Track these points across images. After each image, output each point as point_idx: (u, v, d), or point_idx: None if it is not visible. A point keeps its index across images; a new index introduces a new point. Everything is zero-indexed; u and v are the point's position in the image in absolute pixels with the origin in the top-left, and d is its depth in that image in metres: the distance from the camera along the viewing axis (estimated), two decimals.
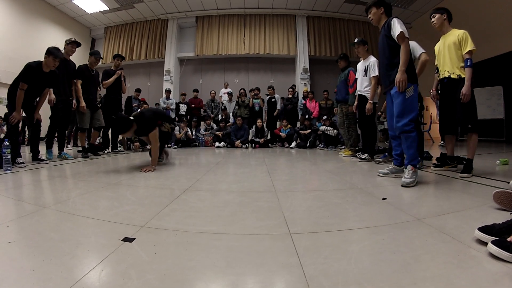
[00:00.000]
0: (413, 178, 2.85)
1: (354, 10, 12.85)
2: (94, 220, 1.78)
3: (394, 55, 3.05)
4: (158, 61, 13.61)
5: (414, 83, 3.00)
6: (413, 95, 3.00)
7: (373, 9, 3.29)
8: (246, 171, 4.10)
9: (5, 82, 10.36)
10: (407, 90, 2.97)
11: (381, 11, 3.24)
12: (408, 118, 2.98)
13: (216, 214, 1.96)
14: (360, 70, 5.21)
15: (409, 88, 2.98)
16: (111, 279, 1.08)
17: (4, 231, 1.54)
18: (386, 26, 3.11)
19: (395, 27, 2.98)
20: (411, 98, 2.99)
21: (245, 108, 9.71)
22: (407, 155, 3.02)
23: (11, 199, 2.37)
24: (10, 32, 10.45)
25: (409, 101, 2.99)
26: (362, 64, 5.17)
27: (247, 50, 13.19)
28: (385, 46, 3.15)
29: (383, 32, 3.16)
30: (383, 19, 3.25)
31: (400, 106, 3.02)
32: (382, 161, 4.60)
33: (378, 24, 3.32)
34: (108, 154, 6.32)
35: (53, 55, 4.26)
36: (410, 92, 2.98)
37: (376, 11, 3.26)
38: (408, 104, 2.99)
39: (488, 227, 1.40)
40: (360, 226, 1.70)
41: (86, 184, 3.00)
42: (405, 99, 2.98)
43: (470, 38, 3.34)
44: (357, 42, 5.14)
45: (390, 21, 3.08)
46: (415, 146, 3.01)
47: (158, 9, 13.07)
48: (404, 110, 3.00)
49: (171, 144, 8.87)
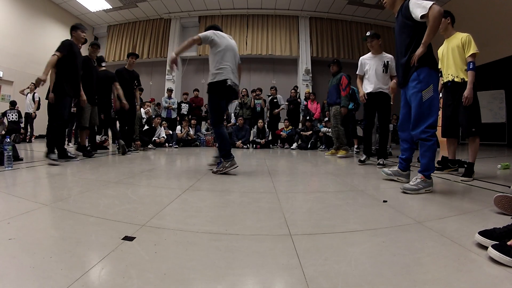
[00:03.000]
0: (417, 187, 2.62)
1: (357, 11, 12.87)
2: (94, 219, 1.78)
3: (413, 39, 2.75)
4: (161, 60, 13.64)
5: (433, 69, 2.71)
6: (432, 96, 2.66)
7: None
8: (247, 171, 4.10)
9: (7, 79, 10.41)
10: (423, 92, 2.67)
11: None
12: (425, 124, 2.67)
13: (216, 214, 1.96)
14: (376, 66, 4.67)
15: (427, 88, 2.66)
16: (111, 278, 1.08)
17: (5, 228, 1.54)
18: (404, 9, 2.80)
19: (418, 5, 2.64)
20: (430, 100, 2.66)
21: (247, 109, 9.71)
22: (420, 162, 2.76)
23: (11, 196, 2.37)
24: (13, 29, 10.51)
25: (427, 104, 2.67)
26: (377, 60, 4.68)
27: (250, 51, 13.21)
28: (404, 31, 2.84)
29: (401, 18, 2.85)
30: (398, 2, 2.92)
31: (416, 110, 2.72)
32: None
33: (393, 8, 2.99)
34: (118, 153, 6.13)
35: (80, 28, 4.68)
36: (428, 93, 2.66)
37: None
38: (425, 108, 2.67)
39: (489, 231, 1.39)
40: (361, 228, 1.70)
41: (87, 182, 3.01)
42: (422, 102, 2.67)
43: (473, 41, 3.35)
44: (370, 35, 4.74)
45: (407, 3, 2.75)
46: (429, 156, 2.69)
47: (161, 8, 13.10)
48: (421, 116, 2.70)
49: (172, 143, 8.89)
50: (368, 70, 4.76)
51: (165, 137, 8.81)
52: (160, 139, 8.62)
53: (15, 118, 9.31)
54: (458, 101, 3.42)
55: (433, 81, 2.70)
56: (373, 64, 4.70)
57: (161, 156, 6.32)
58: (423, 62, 2.67)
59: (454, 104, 3.53)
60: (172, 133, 9.21)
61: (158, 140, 8.56)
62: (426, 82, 2.67)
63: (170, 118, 10.05)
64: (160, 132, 8.72)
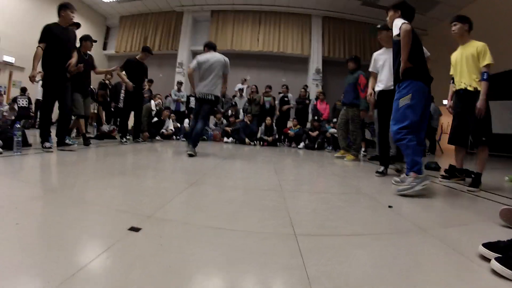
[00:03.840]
0: (410, 185, 2.73)
1: (370, 13, 12.76)
2: (101, 208, 1.80)
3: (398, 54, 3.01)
4: (171, 53, 13.70)
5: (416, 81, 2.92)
6: (408, 104, 2.89)
7: (390, 12, 3.26)
8: (253, 168, 4.11)
9: (19, 65, 10.51)
10: (400, 100, 2.94)
11: (398, 14, 3.12)
12: (398, 126, 2.93)
13: (221, 210, 1.97)
14: (385, 61, 4.33)
15: (405, 97, 2.91)
16: (117, 267, 1.09)
17: (13, 213, 1.57)
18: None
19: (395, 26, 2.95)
20: (405, 107, 2.91)
21: (256, 105, 9.72)
22: (406, 162, 2.95)
23: (20, 181, 2.41)
24: (26, 17, 10.62)
25: (401, 110, 2.93)
26: (387, 54, 4.25)
27: (261, 47, 13.21)
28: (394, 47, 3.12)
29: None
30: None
31: (393, 114, 3.04)
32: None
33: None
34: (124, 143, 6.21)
35: (69, 8, 4.59)
36: (405, 101, 2.91)
37: (393, 14, 3.19)
38: (400, 113, 2.95)
39: (493, 243, 1.39)
40: (364, 231, 1.70)
41: (93, 172, 3.04)
42: (398, 108, 2.96)
43: (489, 51, 3.30)
44: (380, 27, 4.39)
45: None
46: (410, 152, 2.86)
47: (174, 1, 13.16)
48: (396, 119, 2.97)
49: (180, 136, 8.93)
50: (381, 66, 4.42)
51: (173, 130, 8.87)
52: (168, 131, 8.67)
53: (25, 104, 9.43)
54: (469, 109, 3.38)
55: (413, 91, 2.91)
56: (387, 59, 4.29)
57: (168, 148, 6.36)
58: (406, 76, 2.95)
59: (464, 112, 3.49)
60: (180, 126, 9.26)
61: (166, 132, 8.61)
62: (406, 92, 2.94)
63: (179, 111, 10.10)
64: (168, 125, 8.77)
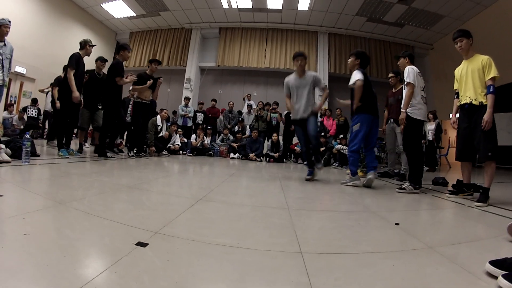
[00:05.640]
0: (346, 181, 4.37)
1: (376, 29, 12.91)
2: (109, 222, 1.81)
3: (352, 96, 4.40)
4: (179, 69, 13.89)
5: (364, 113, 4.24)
6: (358, 130, 4.23)
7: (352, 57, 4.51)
8: (260, 185, 4.11)
9: (30, 76, 10.77)
10: (353, 127, 4.30)
11: (357, 62, 4.40)
12: (350, 146, 4.41)
13: (229, 227, 1.98)
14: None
15: (356, 125, 4.27)
16: (124, 282, 1.09)
17: (20, 223, 1.58)
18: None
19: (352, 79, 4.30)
20: (355, 132, 4.27)
21: (263, 122, 9.77)
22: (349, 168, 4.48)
23: (27, 191, 2.44)
24: (39, 30, 10.91)
25: (353, 135, 4.34)
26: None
27: (268, 64, 13.35)
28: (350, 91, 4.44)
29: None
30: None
31: (349, 137, 4.65)
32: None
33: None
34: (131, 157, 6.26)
35: (127, 49, 5.77)
36: (355, 127, 4.27)
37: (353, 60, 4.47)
38: (352, 136, 4.38)
39: (500, 261, 1.38)
40: (372, 250, 1.69)
41: (102, 185, 3.07)
42: (352, 133, 4.34)
43: (494, 64, 3.31)
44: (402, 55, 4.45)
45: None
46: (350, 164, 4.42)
47: (183, 18, 13.40)
48: (350, 141, 4.45)
49: (186, 151, 8.99)
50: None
51: (179, 145, 8.92)
52: (174, 146, 8.73)
53: (35, 115, 9.66)
54: (475, 124, 3.37)
55: (361, 121, 4.28)
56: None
57: (175, 163, 6.39)
58: (357, 111, 4.30)
59: (470, 126, 3.48)
60: (186, 141, 9.32)
61: (173, 147, 8.66)
62: (356, 122, 4.32)
63: (186, 126, 10.18)
64: (175, 139, 8.83)
